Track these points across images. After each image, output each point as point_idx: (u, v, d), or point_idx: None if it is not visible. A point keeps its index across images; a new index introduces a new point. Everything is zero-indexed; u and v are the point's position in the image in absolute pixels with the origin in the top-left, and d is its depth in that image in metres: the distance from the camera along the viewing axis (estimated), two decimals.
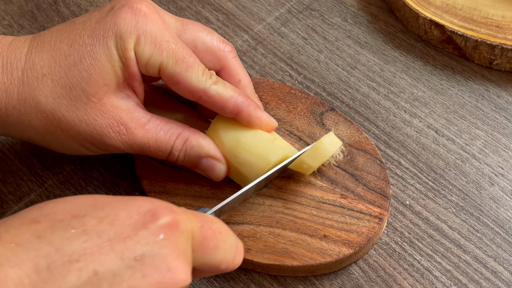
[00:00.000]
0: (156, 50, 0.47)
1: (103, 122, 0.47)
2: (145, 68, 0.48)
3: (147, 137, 0.48)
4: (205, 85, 0.48)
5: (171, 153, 0.49)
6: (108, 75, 0.46)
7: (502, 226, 0.52)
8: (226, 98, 0.49)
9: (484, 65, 0.62)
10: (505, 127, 0.58)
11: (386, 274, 0.50)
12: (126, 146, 0.48)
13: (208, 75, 0.49)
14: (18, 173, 0.56)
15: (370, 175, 0.52)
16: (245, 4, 0.68)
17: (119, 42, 0.46)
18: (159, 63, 0.47)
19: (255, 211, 0.51)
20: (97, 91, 0.46)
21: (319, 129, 0.55)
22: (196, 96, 0.49)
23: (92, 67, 0.46)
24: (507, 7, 0.62)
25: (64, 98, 0.46)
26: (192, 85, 0.48)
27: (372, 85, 0.61)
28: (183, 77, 0.48)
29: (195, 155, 0.50)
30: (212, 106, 0.49)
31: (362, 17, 0.66)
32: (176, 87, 0.49)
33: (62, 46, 0.47)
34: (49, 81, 0.46)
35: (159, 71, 0.48)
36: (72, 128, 0.47)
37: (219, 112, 0.50)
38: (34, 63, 0.47)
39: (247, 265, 0.49)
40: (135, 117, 0.48)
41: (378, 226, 0.49)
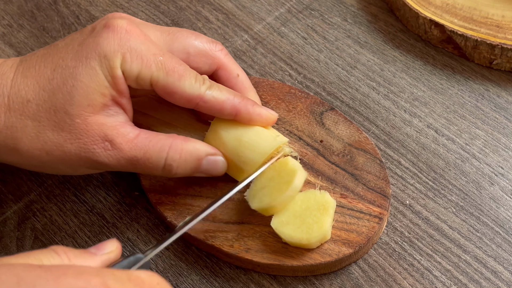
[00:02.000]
0: (144, 65, 0.47)
1: (87, 140, 0.46)
2: (136, 83, 0.47)
3: (135, 151, 0.47)
4: (200, 91, 0.48)
5: (167, 164, 0.48)
6: (93, 95, 0.46)
7: (502, 225, 0.52)
8: (223, 101, 0.49)
9: (484, 64, 0.62)
10: (505, 127, 0.58)
11: (386, 273, 0.50)
12: (114, 162, 0.47)
13: (201, 80, 0.49)
14: (17, 172, 0.56)
15: (370, 175, 0.52)
16: (245, 4, 0.68)
17: (104, 61, 0.46)
18: (149, 77, 0.47)
19: (255, 211, 0.50)
20: (81, 112, 0.46)
21: (319, 128, 0.55)
22: (193, 104, 0.49)
23: (75, 89, 0.46)
24: (507, 6, 0.62)
25: (49, 122, 0.46)
26: (187, 93, 0.48)
27: (372, 85, 0.61)
28: (177, 87, 0.48)
29: (196, 159, 0.49)
30: (210, 111, 0.49)
31: (362, 17, 0.66)
32: (171, 98, 0.48)
33: (46, 71, 0.47)
34: (33, 106, 0.46)
35: (151, 85, 0.48)
36: (57, 149, 0.47)
37: (218, 116, 0.50)
38: (20, 88, 0.47)
39: (247, 264, 0.49)
40: (121, 132, 0.47)
41: (378, 226, 0.49)
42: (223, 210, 0.51)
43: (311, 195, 0.49)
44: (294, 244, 0.48)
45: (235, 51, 0.64)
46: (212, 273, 0.51)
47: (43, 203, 0.54)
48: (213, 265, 0.51)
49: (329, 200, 0.48)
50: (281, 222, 0.48)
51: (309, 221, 0.48)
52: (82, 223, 0.53)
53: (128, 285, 0.36)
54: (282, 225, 0.48)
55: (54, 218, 0.54)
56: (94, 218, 0.54)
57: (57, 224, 0.54)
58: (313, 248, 0.48)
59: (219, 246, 0.49)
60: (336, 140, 0.54)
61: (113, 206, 0.54)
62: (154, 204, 0.52)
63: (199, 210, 0.51)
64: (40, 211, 0.54)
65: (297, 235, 0.47)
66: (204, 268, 0.51)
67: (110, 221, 0.54)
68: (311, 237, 0.47)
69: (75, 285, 0.34)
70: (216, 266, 0.51)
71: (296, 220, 0.48)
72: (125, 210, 0.54)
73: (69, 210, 0.54)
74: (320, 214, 0.48)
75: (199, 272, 0.51)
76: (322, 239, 0.48)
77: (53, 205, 0.54)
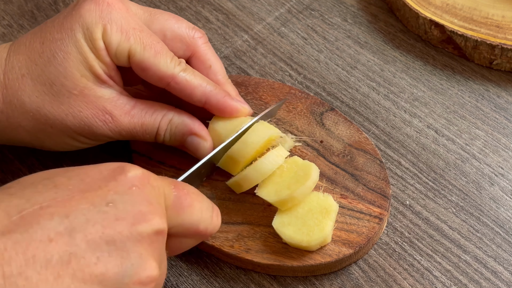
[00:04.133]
0: (123, 37, 0.48)
1: (88, 113, 0.48)
2: (115, 56, 0.48)
3: (133, 123, 0.49)
4: (174, 71, 0.49)
5: (158, 134, 0.50)
6: (83, 66, 0.47)
7: (502, 226, 0.52)
8: (194, 85, 0.50)
9: (484, 65, 0.62)
10: (505, 127, 0.58)
11: (386, 274, 0.50)
12: (115, 133, 0.49)
13: (177, 62, 0.49)
14: (18, 173, 0.56)
15: (370, 175, 0.52)
16: (245, 4, 0.68)
17: (87, 33, 0.47)
18: (127, 50, 0.48)
19: (255, 211, 0.51)
20: (76, 83, 0.47)
21: (319, 129, 0.55)
22: (165, 82, 0.49)
23: (66, 61, 0.47)
24: (507, 7, 0.62)
25: (46, 95, 0.47)
26: (160, 70, 0.48)
27: (372, 85, 0.61)
28: (151, 63, 0.48)
29: (180, 134, 0.50)
30: (180, 93, 0.50)
31: (362, 17, 0.66)
32: (144, 74, 0.49)
33: (35, 45, 0.48)
34: (29, 80, 0.47)
35: (128, 58, 0.48)
36: (60, 123, 0.47)
37: (187, 100, 0.51)
38: (13, 65, 0.47)
39: (247, 265, 0.49)
40: (119, 105, 0.48)
41: (378, 226, 0.49)
42: (223, 210, 0.51)
43: (314, 198, 0.49)
44: (294, 246, 0.48)
45: (235, 51, 0.64)
46: (213, 273, 0.51)
47: None
48: (213, 265, 0.51)
49: (332, 204, 0.48)
50: (282, 223, 0.48)
51: (310, 224, 0.48)
52: None
53: (160, 177, 0.39)
54: (283, 225, 0.48)
55: None
56: None
57: None
58: (313, 250, 0.48)
59: (219, 246, 0.49)
60: (336, 140, 0.54)
61: None
62: None
63: None
64: None
65: (297, 236, 0.47)
66: (204, 268, 0.51)
67: None
68: (311, 240, 0.47)
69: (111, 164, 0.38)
70: (217, 266, 0.51)
71: (298, 222, 0.48)
72: None
73: None
74: (322, 217, 0.48)
75: (200, 272, 0.51)
76: (322, 242, 0.48)
77: None
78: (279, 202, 0.48)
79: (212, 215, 0.42)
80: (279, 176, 0.49)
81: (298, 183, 0.48)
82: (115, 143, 0.58)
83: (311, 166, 0.49)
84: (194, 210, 0.40)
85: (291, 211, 0.48)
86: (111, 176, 0.37)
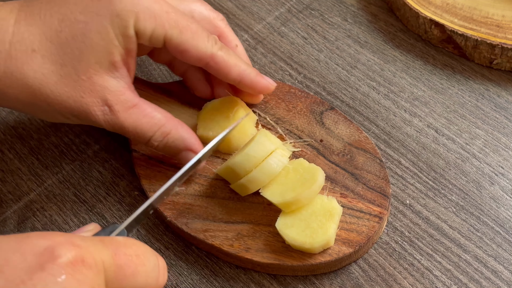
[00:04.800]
0: (158, 23, 0.47)
1: (89, 100, 0.47)
2: (149, 41, 0.48)
3: (128, 122, 0.48)
4: (212, 50, 0.49)
5: (149, 142, 0.50)
6: (101, 53, 0.46)
7: (502, 225, 0.52)
8: (231, 65, 0.50)
9: (484, 64, 0.62)
10: (505, 127, 0.58)
11: (386, 273, 0.50)
12: (108, 126, 0.48)
13: (213, 40, 0.50)
14: (17, 172, 0.56)
15: (370, 174, 0.52)
16: (245, 4, 0.68)
17: (116, 21, 0.46)
18: (163, 35, 0.47)
19: (255, 210, 0.51)
20: (88, 69, 0.46)
21: (318, 128, 0.55)
22: (203, 62, 0.49)
23: (84, 45, 0.46)
24: (507, 6, 0.62)
25: (54, 75, 0.46)
26: (200, 51, 0.49)
27: (372, 85, 0.61)
28: (190, 45, 0.48)
29: (175, 148, 0.50)
30: (217, 72, 0.50)
31: (362, 17, 0.66)
32: (183, 55, 0.49)
33: (52, 21, 0.46)
34: (39, 57, 0.46)
35: (164, 43, 0.48)
36: (58, 103, 0.47)
37: (222, 78, 0.51)
38: (24, 37, 0.46)
39: (247, 264, 0.49)
40: (121, 100, 0.48)
41: (378, 225, 0.49)
42: (223, 209, 0.51)
43: (318, 200, 0.49)
44: (296, 247, 0.48)
45: None
46: (212, 272, 0.50)
47: (43, 203, 0.54)
48: (213, 264, 0.51)
49: (336, 207, 0.48)
50: (286, 224, 0.48)
51: (314, 226, 0.48)
52: (82, 223, 0.53)
53: (98, 245, 0.35)
54: (286, 227, 0.48)
55: (54, 218, 0.54)
56: (94, 218, 0.54)
57: (57, 224, 0.54)
58: (315, 253, 0.48)
59: (219, 245, 0.49)
60: (336, 139, 0.54)
61: (113, 206, 0.54)
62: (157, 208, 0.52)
63: (199, 210, 0.51)
64: (40, 211, 0.54)
65: (300, 238, 0.47)
66: (204, 267, 0.51)
67: (110, 221, 0.54)
68: (314, 242, 0.47)
69: (38, 244, 0.32)
70: (216, 265, 0.51)
71: (301, 224, 0.48)
72: (125, 210, 0.54)
73: (69, 210, 0.54)
74: (325, 219, 0.48)
75: (199, 271, 0.51)
76: (325, 245, 0.48)
77: (53, 204, 0.54)
78: (284, 204, 0.48)
79: (158, 275, 0.38)
80: (284, 177, 0.49)
81: (304, 186, 0.48)
82: (115, 143, 0.58)
83: (317, 170, 0.48)
84: (138, 277, 0.36)
85: (295, 213, 0.48)
86: (38, 264, 0.31)
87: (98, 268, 0.34)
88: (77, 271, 0.32)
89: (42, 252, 0.32)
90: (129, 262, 0.36)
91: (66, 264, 0.32)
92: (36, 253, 0.32)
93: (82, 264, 0.33)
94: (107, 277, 0.35)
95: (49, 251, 0.32)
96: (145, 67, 0.63)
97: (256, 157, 0.48)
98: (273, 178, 0.49)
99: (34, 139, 0.58)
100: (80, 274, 0.32)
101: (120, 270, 0.35)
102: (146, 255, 0.37)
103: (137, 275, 0.36)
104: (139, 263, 0.36)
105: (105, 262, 0.34)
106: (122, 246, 0.36)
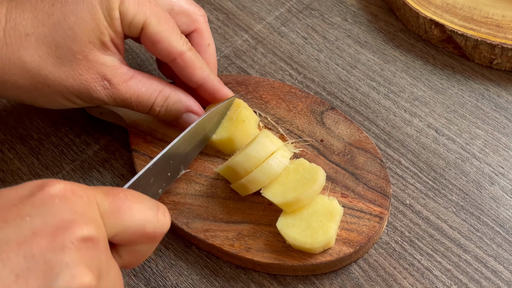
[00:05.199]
0: (140, 9, 0.49)
1: (89, 77, 0.48)
2: (128, 27, 0.49)
3: (129, 93, 0.50)
4: (183, 48, 0.50)
5: (153, 108, 0.51)
6: (93, 33, 0.48)
7: (502, 225, 0.52)
8: (196, 67, 0.51)
9: (484, 64, 0.62)
10: (505, 127, 0.58)
11: (386, 273, 0.50)
12: (111, 100, 0.50)
13: (185, 40, 0.51)
14: (17, 172, 0.56)
15: (371, 174, 0.52)
16: (245, 4, 0.68)
17: (104, 2, 0.48)
18: (143, 21, 0.49)
19: (255, 210, 0.51)
20: (83, 48, 0.48)
21: (319, 128, 0.55)
22: (172, 57, 0.50)
23: (77, 25, 0.47)
24: (507, 6, 0.62)
25: (50, 57, 0.47)
26: (171, 45, 0.50)
27: (372, 85, 0.61)
28: (165, 37, 0.50)
29: (176, 111, 0.52)
30: (182, 71, 0.51)
31: (362, 17, 0.66)
32: (154, 46, 0.50)
33: (43, 6, 0.48)
34: (33, 40, 0.47)
35: (142, 30, 0.49)
36: (59, 84, 0.48)
37: (184, 79, 0.52)
38: (16, 23, 0.47)
39: (247, 264, 0.49)
40: (118, 73, 0.49)
41: (378, 225, 0.49)
42: (224, 209, 0.51)
43: (319, 200, 0.49)
44: (297, 247, 0.48)
45: (235, 50, 0.64)
46: (212, 272, 0.50)
47: None
48: (213, 264, 0.51)
49: (337, 207, 0.48)
50: (286, 224, 0.48)
51: (315, 226, 0.48)
52: None
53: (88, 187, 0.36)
54: (287, 226, 0.48)
55: None
56: None
57: None
58: (316, 253, 0.48)
59: (219, 245, 0.49)
60: (336, 139, 0.54)
61: None
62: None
63: (199, 210, 0.51)
64: None
65: (301, 238, 0.47)
66: (204, 267, 0.51)
67: None
68: (315, 242, 0.47)
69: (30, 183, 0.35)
70: (216, 265, 0.51)
71: (302, 223, 0.48)
72: None
73: None
74: (326, 220, 0.48)
75: (199, 271, 0.51)
76: (326, 245, 0.48)
77: None
78: (285, 204, 0.48)
79: (157, 213, 0.39)
80: (284, 177, 0.49)
81: (305, 186, 0.48)
82: (115, 143, 0.58)
83: (318, 170, 0.48)
84: (135, 212, 0.37)
85: (296, 212, 0.48)
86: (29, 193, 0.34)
87: (90, 199, 0.35)
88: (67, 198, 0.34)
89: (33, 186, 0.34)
90: (124, 199, 0.37)
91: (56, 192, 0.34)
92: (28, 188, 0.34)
93: (73, 193, 0.35)
94: (102, 210, 0.36)
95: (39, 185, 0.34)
96: (145, 67, 0.63)
97: (256, 158, 0.48)
98: (274, 178, 0.49)
99: (34, 139, 0.58)
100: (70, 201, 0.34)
101: (114, 205, 0.37)
102: (141, 196, 0.39)
103: (133, 210, 0.37)
104: (134, 201, 0.38)
105: (97, 197, 0.36)
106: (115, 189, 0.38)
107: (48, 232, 0.33)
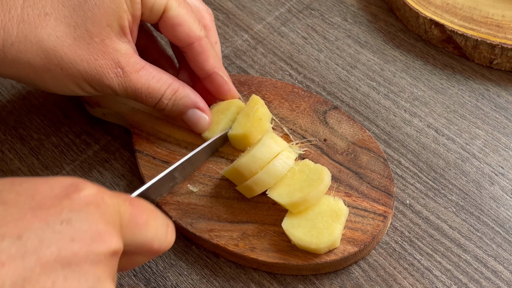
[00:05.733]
0: None
1: (103, 63, 0.48)
2: (150, 10, 0.49)
3: (140, 83, 0.50)
4: (201, 33, 0.51)
5: (161, 101, 0.51)
6: (112, 16, 0.48)
7: (502, 225, 0.52)
8: (211, 55, 0.52)
9: (484, 64, 0.62)
10: (505, 127, 0.58)
11: (386, 273, 0.50)
12: (122, 89, 0.49)
13: (202, 26, 0.51)
14: (17, 172, 0.56)
15: (374, 173, 0.52)
16: (245, 4, 0.68)
17: None
18: (165, 3, 0.49)
19: (260, 210, 0.51)
20: (101, 31, 0.47)
21: (322, 127, 0.55)
22: (190, 41, 0.51)
23: (97, 8, 0.47)
24: (507, 6, 0.62)
25: (67, 37, 0.47)
26: (192, 29, 0.50)
27: (372, 85, 0.61)
28: (186, 20, 0.50)
29: (183, 105, 0.52)
30: (196, 58, 0.52)
31: (362, 17, 0.66)
32: (174, 29, 0.50)
33: None
34: (52, 20, 0.47)
35: (163, 13, 0.49)
36: (72, 66, 0.47)
37: (197, 66, 0.52)
38: (35, 2, 0.47)
39: (252, 263, 0.49)
40: (131, 62, 0.49)
41: (382, 224, 0.49)
42: (228, 209, 0.51)
43: (325, 201, 0.49)
44: (302, 248, 0.48)
45: (235, 50, 0.64)
46: (212, 272, 0.50)
47: None
48: (213, 264, 0.51)
49: (342, 208, 0.48)
50: (292, 224, 0.48)
51: (320, 226, 0.48)
52: None
53: (114, 194, 0.37)
54: (292, 227, 0.48)
55: None
56: None
57: None
58: (321, 253, 0.48)
59: (224, 245, 0.49)
60: (339, 139, 0.54)
61: None
62: (158, 204, 0.51)
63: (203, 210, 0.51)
64: None
65: (306, 238, 0.47)
66: (204, 267, 0.51)
67: None
68: (320, 242, 0.47)
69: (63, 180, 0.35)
70: (216, 265, 0.51)
71: (307, 224, 0.48)
72: None
73: None
74: (332, 220, 0.48)
75: (199, 271, 0.50)
76: (331, 245, 0.48)
77: None
78: (291, 205, 0.48)
79: (166, 232, 0.40)
80: (290, 178, 0.49)
81: (311, 186, 0.48)
82: (116, 143, 0.58)
83: (324, 170, 0.49)
84: (149, 228, 0.38)
85: (301, 213, 0.48)
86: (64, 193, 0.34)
87: (115, 209, 0.36)
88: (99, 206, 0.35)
89: (67, 186, 0.35)
90: (142, 213, 0.38)
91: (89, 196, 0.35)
92: (62, 186, 0.35)
93: (102, 200, 0.35)
94: (122, 221, 0.37)
95: (74, 186, 0.35)
96: None
97: (262, 159, 0.48)
98: (280, 179, 0.49)
99: (34, 139, 0.58)
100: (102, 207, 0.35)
101: (133, 218, 0.37)
102: (156, 212, 0.40)
103: (148, 226, 0.38)
104: (151, 216, 0.39)
105: (120, 206, 0.37)
106: (135, 200, 0.39)
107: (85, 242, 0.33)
